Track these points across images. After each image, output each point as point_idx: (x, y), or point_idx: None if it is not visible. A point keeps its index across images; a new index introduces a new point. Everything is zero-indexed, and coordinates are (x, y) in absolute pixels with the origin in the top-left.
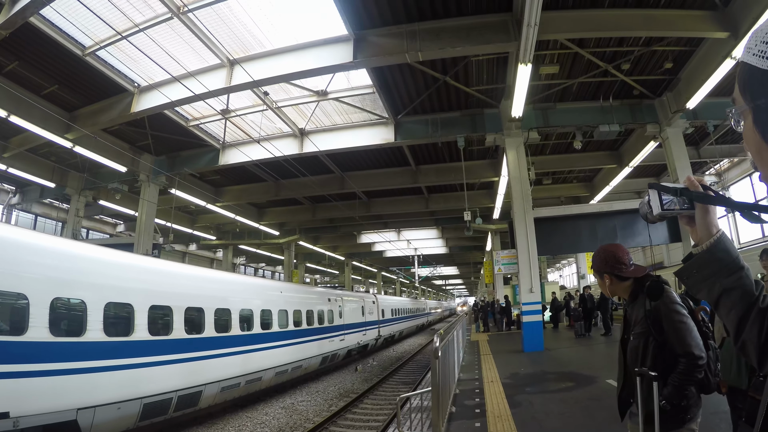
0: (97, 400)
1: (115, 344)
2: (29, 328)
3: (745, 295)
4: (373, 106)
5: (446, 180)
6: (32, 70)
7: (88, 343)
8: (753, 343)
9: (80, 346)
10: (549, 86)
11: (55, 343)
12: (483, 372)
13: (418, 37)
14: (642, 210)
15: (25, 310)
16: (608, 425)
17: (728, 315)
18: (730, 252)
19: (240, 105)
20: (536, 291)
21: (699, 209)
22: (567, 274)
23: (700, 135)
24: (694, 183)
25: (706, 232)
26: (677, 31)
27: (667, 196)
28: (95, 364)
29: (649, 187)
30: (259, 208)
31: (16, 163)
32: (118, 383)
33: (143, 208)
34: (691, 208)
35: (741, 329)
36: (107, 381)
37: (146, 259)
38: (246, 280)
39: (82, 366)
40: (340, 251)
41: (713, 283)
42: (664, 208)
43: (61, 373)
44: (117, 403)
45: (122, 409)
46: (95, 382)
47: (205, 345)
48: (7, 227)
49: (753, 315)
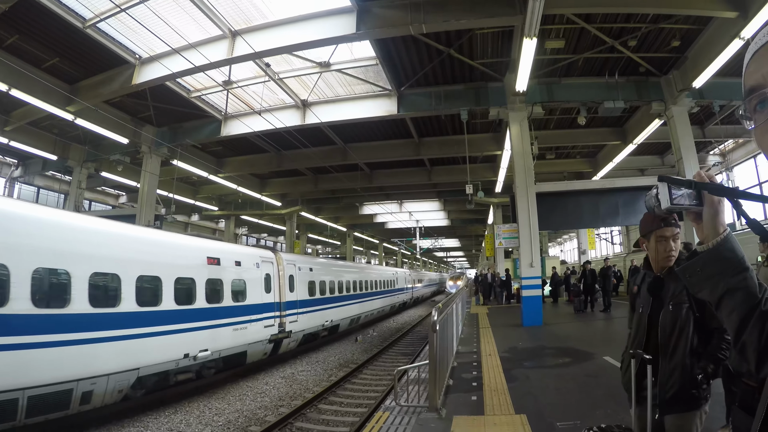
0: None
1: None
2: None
3: (749, 296)
4: (376, 77)
5: (449, 153)
6: (33, 43)
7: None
8: (752, 346)
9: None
10: (554, 61)
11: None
12: (481, 345)
13: (422, 9)
14: (648, 203)
15: None
16: (604, 402)
17: (730, 316)
18: (736, 252)
19: (242, 76)
20: (536, 265)
21: (707, 206)
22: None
23: (705, 114)
24: (703, 178)
25: (713, 230)
26: (685, 9)
27: (677, 190)
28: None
29: (659, 180)
30: (262, 179)
31: (18, 136)
32: None
33: (145, 179)
34: (699, 204)
35: (742, 331)
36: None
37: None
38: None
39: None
40: (341, 222)
41: (717, 282)
42: (673, 202)
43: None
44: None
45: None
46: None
47: (341, 299)
48: None
49: (755, 317)
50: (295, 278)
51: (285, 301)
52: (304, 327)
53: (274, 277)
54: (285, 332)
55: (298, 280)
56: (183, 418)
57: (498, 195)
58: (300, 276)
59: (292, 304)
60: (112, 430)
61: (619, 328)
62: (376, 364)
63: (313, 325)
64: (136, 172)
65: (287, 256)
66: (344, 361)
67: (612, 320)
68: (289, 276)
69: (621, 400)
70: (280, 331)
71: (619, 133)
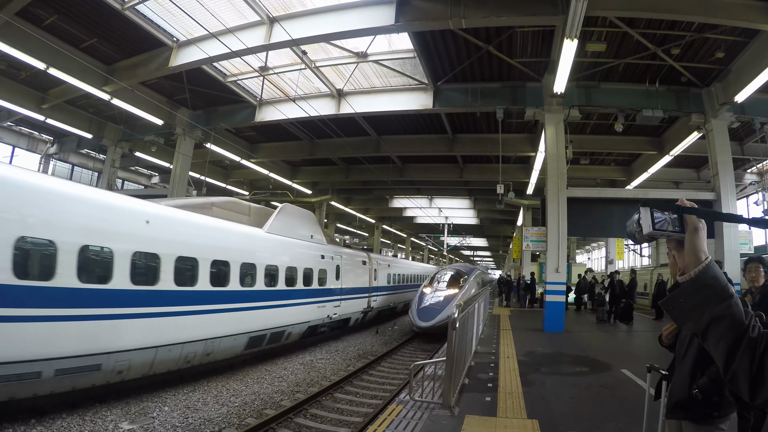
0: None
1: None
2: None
3: (735, 324)
4: (413, 71)
5: (482, 151)
6: (71, 23)
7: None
8: (744, 374)
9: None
10: (594, 64)
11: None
12: (500, 347)
13: (462, 3)
14: (629, 228)
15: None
16: (617, 414)
17: (717, 345)
18: (719, 279)
19: (278, 63)
20: (562, 271)
21: (689, 233)
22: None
23: (745, 131)
24: (685, 204)
25: (694, 258)
26: (732, 20)
27: (660, 215)
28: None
29: (642, 205)
30: (293, 166)
31: (55, 114)
32: None
33: (178, 160)
34: (681, 232)
35: (731, 360)
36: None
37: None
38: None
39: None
40: (370, 214)
41: (702, 312)
42: (655, 228)
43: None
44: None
45: None
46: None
47: (401, 288)
48: None
49: (743, 345)
50: (378, 272)
51: (372, 286)
52: (380, 305)
53: (368, 271)
54: (370, 308)
55: (379, 274)
56: (200, 397)
57: (529, 197)
58: (380, 270)
59: (375, 288)
60: (130, 402)
61: (640, 341)
62: (395, 357)
63: (384, 305)
64: (169, 154)
65: (374, 256)
66: (363, 352)
67: (634, 333)
68: (374, 270)
69: (634, 414)
70: (368, 306)
71: (656, 143)
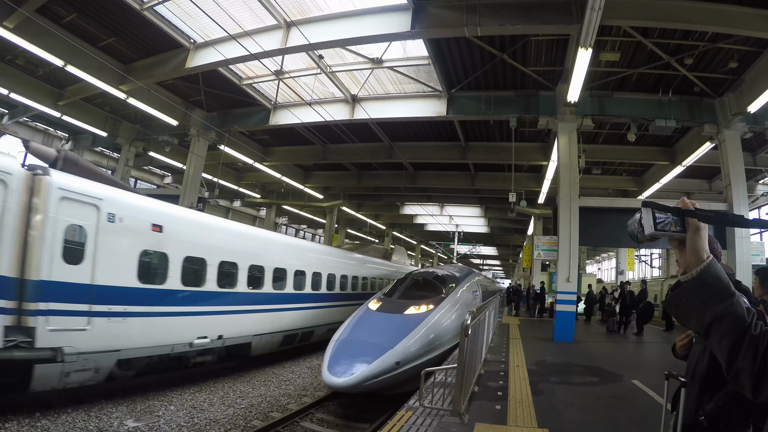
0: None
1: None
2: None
3: (737, 322)
4: (428, 77)
5: (494, 159)
6: (90, 22)
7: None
8: (747, 372)
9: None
10: (608, 74)
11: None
12: (510, 356)
13: (478, 11)
14: (631, 228)
15: None
16: (627, 425)
17: (719, 343)
18: (721, 278)
19: (294, 67)
20: (573, 281)
21: (691, 232)
22: (606, 268)
23: (758, 141)
24: (687, 205)
25: (696, 258)
26: (746, 30)
27: (661, 215)
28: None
29: (643, 205)
30: (306, 171)
31: (71, 111)
32: None
33: (191, 161)
34: (683, 231)
35: (733, 358)
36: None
37: None
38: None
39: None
40: (381, 220)
41: (704, 311)
42: (656, 228)
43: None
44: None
45: None
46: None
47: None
48: None
49: (746, 343)
50: None
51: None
52: None
53: None
54: None
55: None
56: (207, 398)
57: (540, 206)
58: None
59: None
60: (136, 400)
61: (650, 353)
62: None
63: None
64: (183, 154)
65: None
66: None
67: (644, 344)
68: None
69: (644, 424)
70: None
71: (668, 153)
